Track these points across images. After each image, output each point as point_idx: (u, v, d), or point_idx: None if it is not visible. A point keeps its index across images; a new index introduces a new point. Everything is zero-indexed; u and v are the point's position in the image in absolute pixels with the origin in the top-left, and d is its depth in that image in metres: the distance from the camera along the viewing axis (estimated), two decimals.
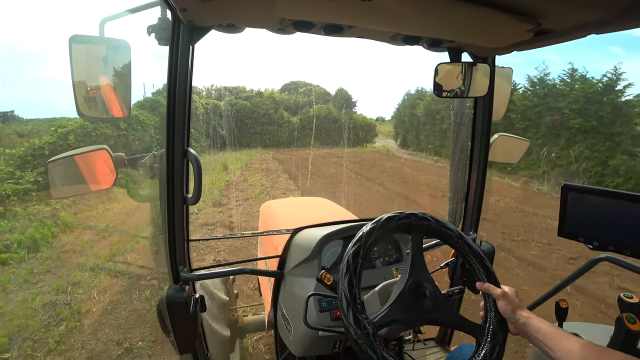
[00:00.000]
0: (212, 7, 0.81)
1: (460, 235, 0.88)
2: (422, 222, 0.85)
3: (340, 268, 0.77)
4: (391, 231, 0.83)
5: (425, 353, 1.63)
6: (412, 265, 0.83)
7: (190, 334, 1.13)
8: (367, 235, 0.79)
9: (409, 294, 0.79)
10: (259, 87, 21.94)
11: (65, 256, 4.40)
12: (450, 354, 1.13)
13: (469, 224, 1.44)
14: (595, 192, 0.86)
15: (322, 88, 21.11)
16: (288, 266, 1.25)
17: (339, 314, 0.75)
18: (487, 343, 0.77)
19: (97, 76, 0.94)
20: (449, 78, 1.18)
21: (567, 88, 9.78)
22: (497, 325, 0.79)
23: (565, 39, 0.92)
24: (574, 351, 0.65)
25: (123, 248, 4.60)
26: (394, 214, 0.84)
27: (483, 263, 0.86)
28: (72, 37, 0.87)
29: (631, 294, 0.95)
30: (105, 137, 8.13)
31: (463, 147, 1.42)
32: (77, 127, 7.71)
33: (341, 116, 19.18)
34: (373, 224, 0.82)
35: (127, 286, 3.58)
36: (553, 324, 0.75)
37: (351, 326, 0.71)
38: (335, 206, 2.34)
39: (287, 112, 18.68)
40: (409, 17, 0.84)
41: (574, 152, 8.98)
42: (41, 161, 6.89)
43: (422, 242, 0.86)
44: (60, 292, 3.46)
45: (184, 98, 0.95)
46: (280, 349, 1.43)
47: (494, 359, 0.75)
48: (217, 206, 6.64)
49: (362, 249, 0.78)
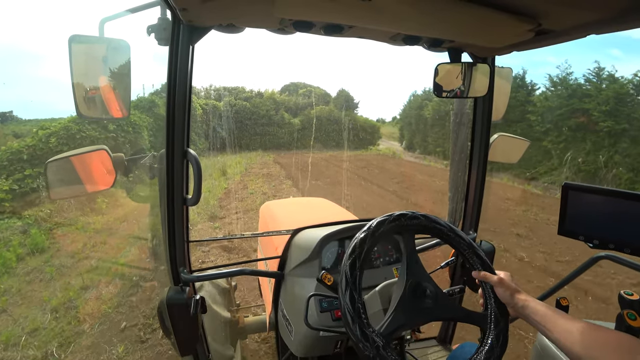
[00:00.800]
0: (212, 7, 0.81)
1: (450, 228, 0.88)
2: (412, 222, 0.84)
3: (339, 283, 0.76)
4: (384, 236, 0.82)
5: (426, 352, 1.63)
6: (409, 266, 0.82)
7: (191, 336, 1.13)
8: (360, 246, 0.78)
9: (410, 295, 0.79)
10: (258, 88, 21.85)
11: (27, 288, 3.59)
12: (452, 353, 1.13)
13: (468, 223, 1.44)
14: (595, 190, 0.86)
15: (323, 89, 20.99)
16: (288, 267, 1.25)
17: (342, 321, 0.74)
18: (491, 331, 0.79)
19: (97, 76, 0.94)
20: (448, 78, 1.18)
21: (593, 88, 9.14)
22: (499, 312, 0.80)
23: (565, 39, 0.92)
24: (571, 331, 0.67)
25: (104, 280, 3.69)
26: (384, 218, 0.83)
27: (476, 253, 0.87)
28: (72, 37, 0.87)
29: (631, 291, 0.95)
30: (91, 140, 7.41)
31: (463, 147, 1.42)
32: (60, 128, 7.04)
33: (343, 118, 18.71)
34: (364, 231, 0.81)
35: (110, 328, 2.81)
36: None
37: (360, 342, 0.70)
38: (334, 206, 2.34)
39: (287, 113, 18.23)
40: (409, 17, 0.84)
41: (603, 157, 8.35)
42: (18, 166, 6.19)
43: (414, 242, 0.86)
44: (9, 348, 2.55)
45: (183, 98, 0.95)
46: (282, 349, 1.43)
47: (500, 345, 0.77)
48: (214, 220, 5.77)
49: (358, 260, 0.77)
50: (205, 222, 5.70)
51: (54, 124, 7.23)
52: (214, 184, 8.38)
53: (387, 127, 25.76)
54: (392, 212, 0.84)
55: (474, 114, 1.33)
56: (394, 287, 0.86)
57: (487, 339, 0.78)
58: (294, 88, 20.88)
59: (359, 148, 18.38)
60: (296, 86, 21.13)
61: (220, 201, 6.97)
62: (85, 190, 1.14)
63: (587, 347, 0.63)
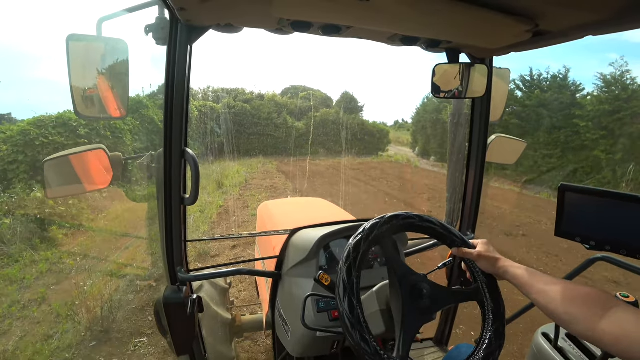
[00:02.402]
0: (210, 7, 0.81)
1: (419, 216, 0.87)
2: (389, 224, 0.83)
3: (336, 289, 0.76)
4: (378, 239, 0.81)
5: (423, 353, 1.64)
6: (394, 272, 0.82)
7: (187, 335, 1.13)
8: (354, 251, 0.78)
9: (410, 302, 0.79)
10: (259, 89, 20.51)
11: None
12: (448, 354, 1.13)
13: (466, 224, 1.44)
14: (592, 192, 0.86)
15: (323, 93, 19.81)
16: (286, 267, 1.25)
17: (342, 327, 0.74)
18: (489, 301, 0.83)
19: (95, 76, 0.93)
20: (446, 79, 1.18)
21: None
22: (487, 281, 0.86)
23: (562, 40, 0.92)
24: (548, 289, 0.71)
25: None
26: (376, 221, 0.82)
27: (450, 231, 0.89)
28: (70, 36, 0.87)
29: (627, 293, 0.96)
30: (55, 147, 6.11)
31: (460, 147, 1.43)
32: (17, 133, 5.99)
33: (350, 122, 17.49)
34: (358, 236, 0.80)
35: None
36: None
37: (361, 348, 0.69)
38: (332, 206, 2.34)
39: (290, 117, 16.92)
40: (407, 18, 0.84)
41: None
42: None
43: (394, 244, 0.86)
44: None
45: (181, 98, 0.95)
46: (278, 349, 1.43)
47: (501, 313, 0.82)
48: (203, 258, 4.19)
49: (354, 267, 0.76)
50: (194, 260, 4.12)
51: (13, 128, 6.09)
52: (207, 201, 6.80)
53: (392, 132, 24.69)
54: (384, 214, 0.84)
55: (471, 115, 1.33)
56: (391, 301, 0.86)
57: (488, 311, 0.83)
58: (295, 91, 19.64)
59: (369, 154, 16.97)
60: (296, 89, 19.96)
61: (213, 226, 5.61)
62: (82, 189, 1.14)
63: (563, 303, 0.67)
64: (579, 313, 0.64)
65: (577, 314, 0.65)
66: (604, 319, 0.61)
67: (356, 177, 10.51)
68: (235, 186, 8.70)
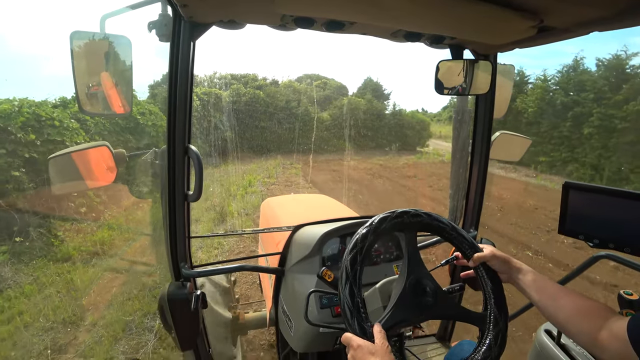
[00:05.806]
0: (213, 4, 0.81)
1: (453, 227, 0.88)
2: (414, 219, 0.84)
3: (339, 277, 0.76)
4: (386, 232, 0.82)
5: (425, 349, 1.64)
6: (409, 264, 0.82)
7: (191, 331, 1.14)
8: (362, 241, 0.78)
9: (410, 292, 0.79)
10: (273, 75, 16.05)
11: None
12: (451, 350, 1.14)
13: (469, 221, 1.44)
14: (596, 190, 0.86)
15: (338, 81, 16.77)
16: (289, 263, 1.26)
17: (341, 315, 0.74)
18: (489, 331, 0.79)
19: (98, 72, 0.94)
20: (450, 75, 1.17)
21: None
22: (498, 312, 0.80)
23: (567, 36, 0.91)
24: (556, 298, 0.75)
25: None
26: (386, 214, 0.83)
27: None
28: (73, 33, 0.87)
29: (631, 291, 0.95)
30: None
31: (464, 144, 1.42)
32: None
33: (385, 111, 14.73)
34: (366, 227, 0.80)
35: None
36: None
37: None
38: (335, 203, 2.34)
39: (312, 106, 13.96)
40: (410, 13, 0.83)
41: None
42: None
43: (416, 239, 0.86)
44: None
45: (185, 94, 0.95)
46: (282, 345, 1.44)
47: (498, 346, 0.77)
48: None
49: (359, 255, 0.77)
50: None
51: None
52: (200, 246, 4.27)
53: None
54: (395, 210, 0.84)
55: (475, 112, 1.33)
56: (394, 283, 0.86)
57: (485, 339, 0.78)
58: (309, 81, 16.77)
59: (409, 151, 14.23)
60: (310, 78, 17.09)
61: None
62: (86, 186, 1.15)
63: (568, 313, 0.71)
64: (584, 326, 0.68)
65: (582, 327, 0.68)
66: (604, 329, 0.64)
67: (408, 187, 7.39)
68: (249, 209, 5.57)
